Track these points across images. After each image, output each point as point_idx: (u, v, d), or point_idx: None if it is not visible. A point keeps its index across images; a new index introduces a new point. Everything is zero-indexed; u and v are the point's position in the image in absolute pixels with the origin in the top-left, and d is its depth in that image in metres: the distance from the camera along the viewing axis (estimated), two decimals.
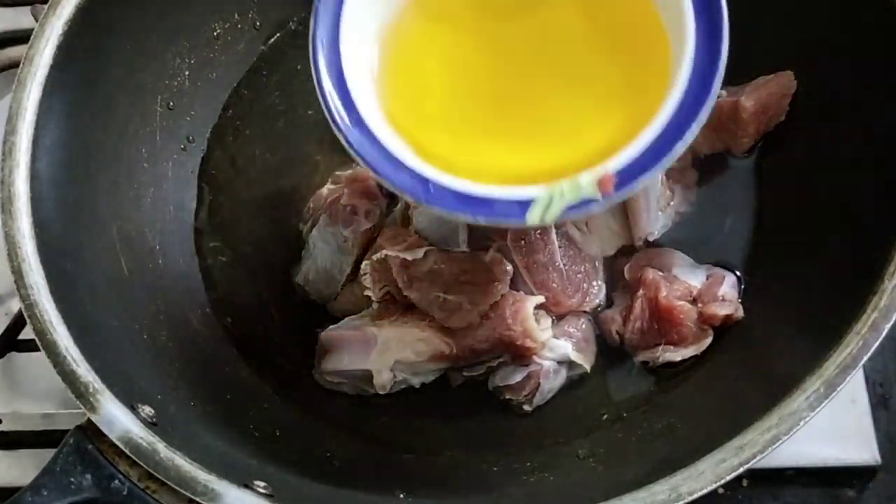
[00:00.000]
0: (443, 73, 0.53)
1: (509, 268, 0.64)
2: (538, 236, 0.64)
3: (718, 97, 0.69)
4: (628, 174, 0.46)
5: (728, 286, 0.65)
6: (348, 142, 0.48)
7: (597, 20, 0.53)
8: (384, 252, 0.64)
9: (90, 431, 0.52)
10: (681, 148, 0.46)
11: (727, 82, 0.71)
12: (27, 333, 0.73)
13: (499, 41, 0.54)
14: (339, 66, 0.49)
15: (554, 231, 0.65)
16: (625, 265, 0.67)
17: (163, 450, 0.51)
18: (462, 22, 0.54)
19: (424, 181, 0.47)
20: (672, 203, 0.69)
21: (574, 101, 0.52)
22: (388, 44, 0.53)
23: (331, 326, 0.67)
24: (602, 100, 0.51)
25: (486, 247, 0.65)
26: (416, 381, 0.66)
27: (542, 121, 0.52)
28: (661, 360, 0.64)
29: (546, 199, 0.45)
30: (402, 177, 0.47)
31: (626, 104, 0.50)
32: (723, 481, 0.48)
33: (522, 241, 0.64)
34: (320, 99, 0.48)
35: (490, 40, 0.54)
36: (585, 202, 0.45)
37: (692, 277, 0.65)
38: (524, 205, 0.46)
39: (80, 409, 0.52)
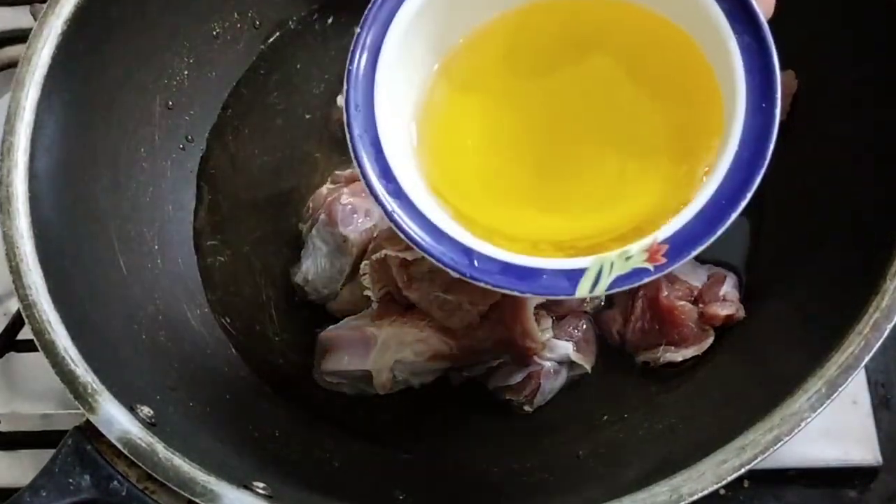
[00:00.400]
0: (480, 141, 0.51)
1: None
2: None
3: None
4: (680, 243, 0.43)
5: (729, 286, 0.65)
6: (388, 212, 0.46)
7: (641, 72, 0.50)
8: (384, 252, 0.64)
9: (89, 432, 0.52)
10: (734, 216, 0.43)
11: None
12: (25, 334, 0.73)
13: (535, 102, 0.51)
14: (375, 134, 0.47)
15: None
16: None
17: (162, 450, 0.51)
18: (494, 86, 0.52)
19: (469, 252, 0.45)
20: None
21: (619, 162, 0.49)
22: (423, 116, 0.51)
23: (330, 326, 0.67)
24: (649, 161, 0.48)
25: None
26: (416, 382, 0.65)
27: (586, 185, 0.49)
28: (661, 360, 0.64)
29: (595, 271, 0.43)
30: (445, 248, 0.45)
31: (675, 165, 0.48)
32: (724, 482, 0.48)
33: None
34: (357, 168, 0.46)
35: (526, 102, 0.51)
36: (636, 272, 0.43)
37: (693, 277, 0.65)
38: (573, 277, 0.43)
39: (79, 409, 0.52)
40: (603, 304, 0.68)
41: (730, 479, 0.48)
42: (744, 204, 0.44)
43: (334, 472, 0.62)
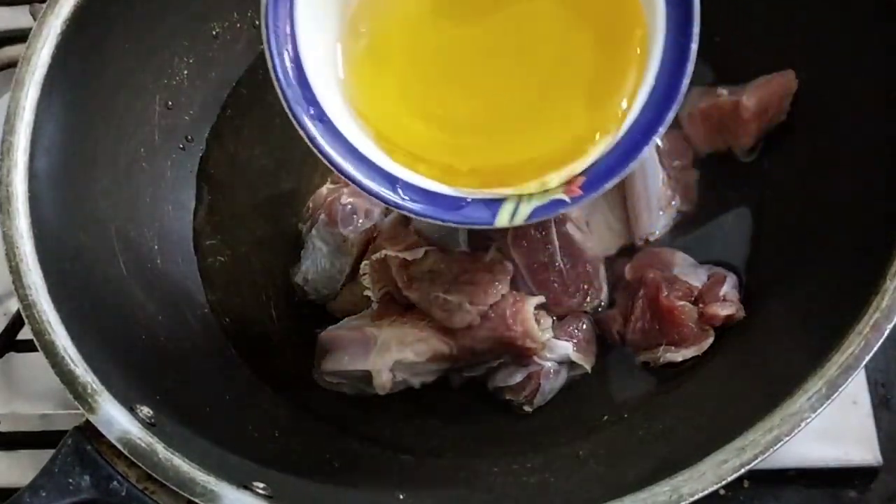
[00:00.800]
0: (404, 63, 0.51)
1: (510, 267, 0.64)
2: (539, 236, 0.64)
3: (719, 96, 0.69)
4: (596, 176, 0.44)
5: (729, 286, 0.65)
6: (310, 137, 0.46)
7: (573, 10, 0.50)
8: (384, 252, 0.64)
9: (89, 432, 0.52)
10: (647, 150, 0.44)
11: (728, 82, 0.72)
12: (25, 334, 0.73)
13: (459, 25, 0.51)
14: (297, 57, 0.46)
15: (555, 231, 0.65)
16: (626, 265, 0.67)
17: (161, 451, 0.51)
18: (418, 8, 0.52)
19: (393, 180, 0.45)
20: (673, 202, 0.68)
21: (541, 87, 0.50)
22: (348, 38, 0.51)
23: (330, 327, 0.67)
24: (570, 89, 0.49)
25: (486, 247, 0.65)
26: (415, 382, 0.65)
27: (506, 107, 0.50)
28: (661, 360, 0.64)
29: (514, 201, 0.44)
30: (369, 175, 0.45)
31: (595, 95, 0.48)
32: (724, 482, 0.48)
33: (524, 242, 0.64)
34: (279, 92, 0.46)
35: (450, 25, 0.51)
36: (553, 203, 0.44)
37: (693, 277, 0.65)
38: (493, 207, 0.44)
39: (79, 409, 0.52)
40: (604, 304, 0.68)
41: (730, 479, 0.48)
42: (656, 138, 0.44)
43: (334, 472, 0.62)
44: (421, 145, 0.48)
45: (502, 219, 0.44)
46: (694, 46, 0.45)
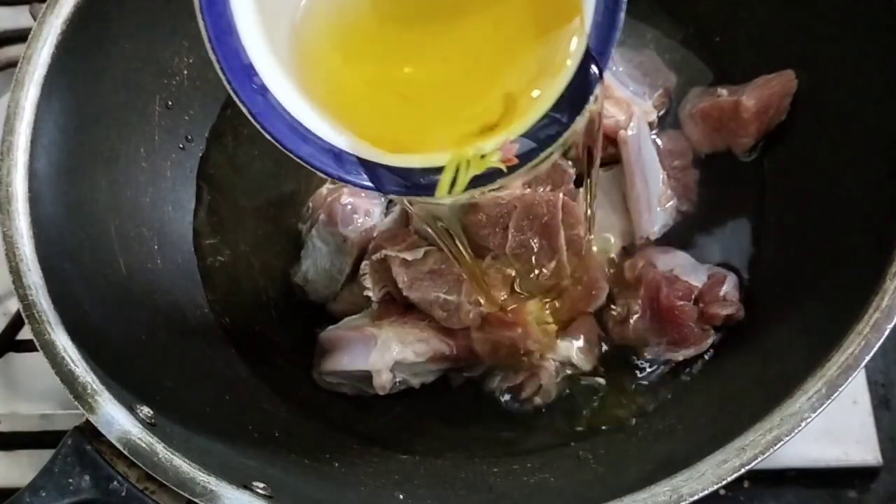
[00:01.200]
0: (347, 38, 0.50)
1: (509, 271, 0.63)
2: (542, 238, 0.64)
3: (719, 96, 0.70)
4: (534, 141, 0.44)
5: (730, 286, 0.65)
6: (251, 111, 0.45)
7: None
8: (384, 252, 0.64)
9: (88, 432, 0.52)
10: (578, 118, 0.44)
11: (728, 81, 0.72)
12: (25, 334, 0.73)
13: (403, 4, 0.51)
14: (231, 24, 0.45)
15: (563, 236, 0.64)
16: (626, 265, 0.67)
17: (161, 451, 0.51)
18: None
19: (336, 154, 0.45)
20: (673, 202, 0.68)
21: (479, 60, 0.49)
22: (288, 13, 0.49)
23: (330, 327, 0.67)
24: (508, 60, 0.48)
25: (483, 255, 0.65)
26: (415, 382, 0.65)
27: (445, 81, 0.49)
28: (662, 359, 0.64)
29: (453, 169, 0.44)
30: (312, 149, 0.45)
31: (529, 57, 0.47)
32: (724, 482, 0.48)
33: (523, 248, 0.63)
34: (217, 65, 0.44)
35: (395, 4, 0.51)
36: (491, 173, 0.44)
37: (693, 277, 0.65)
38: (432, 178, 0.44)
39: (79, 409, 0.52)
40: (605, 304, 0.68)
41: (730, 479, 0.48)
42: (587, 104, 0.44)
43: (334, 473, 0.62)
44: (361, 114, 0.48)
45: (442, 190, 0.44)
46: (623, 6, 0.44)
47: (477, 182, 0.44)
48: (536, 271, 0.64)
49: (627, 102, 0.71)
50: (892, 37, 0.59)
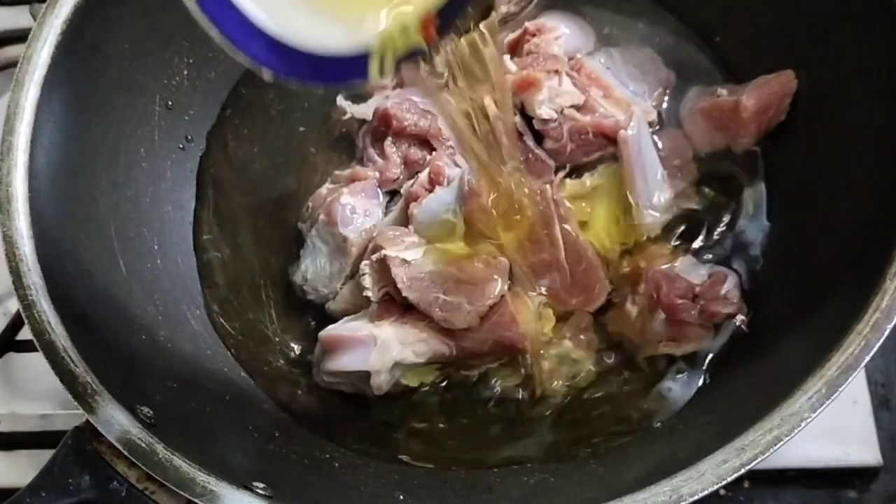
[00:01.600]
0: None
1: (504, 263, 0.63)
2: (543, 236, 0.64)
3: (719, 96, 0.70)
4: (449, 14, 0.45)
5: (730, 285, 0.65)
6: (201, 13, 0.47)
7: None
8: (383, 252, 0.63)
9: (89, 432, 0.52)
10: None
11: (728, 81, 0.72)
12: (25, 334, 0.73)
13: None
14: None
15: (559, 230, 0.64)
16: (627, 264, 0.67)
17: (161, 451, 0.51)
18: None
19: (260, 38, 0.47)
20: (673, 201, 0.69)
21: None
22: None
23: (330, 326, 0.67)
24: None
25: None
26: (415, 382, 0.65)
27: None
28: (661, 354, 0.64)
29: (380, 55, 0.45)
30: (256, 46, 0.47)
31: None
32: (724, 482, 0.48)
33: (527, 243, 0.63)
34: None
35: None
36: (415, 53, 0.45)
37: (694, 275, 0.65)
38: (361, 64, 0.45)
39: (79, 409, 0.52)
40: (605, 302, 0.68)
41: (730, 479, 0.48)
42: None
43: (334, 473, 0.62)
44: None
45: (373, 73, 0.46)
46: None
47: (402, 62, 0.46)
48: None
49: (627, 102, 0.71)
50: (893, 37, 0.59)
